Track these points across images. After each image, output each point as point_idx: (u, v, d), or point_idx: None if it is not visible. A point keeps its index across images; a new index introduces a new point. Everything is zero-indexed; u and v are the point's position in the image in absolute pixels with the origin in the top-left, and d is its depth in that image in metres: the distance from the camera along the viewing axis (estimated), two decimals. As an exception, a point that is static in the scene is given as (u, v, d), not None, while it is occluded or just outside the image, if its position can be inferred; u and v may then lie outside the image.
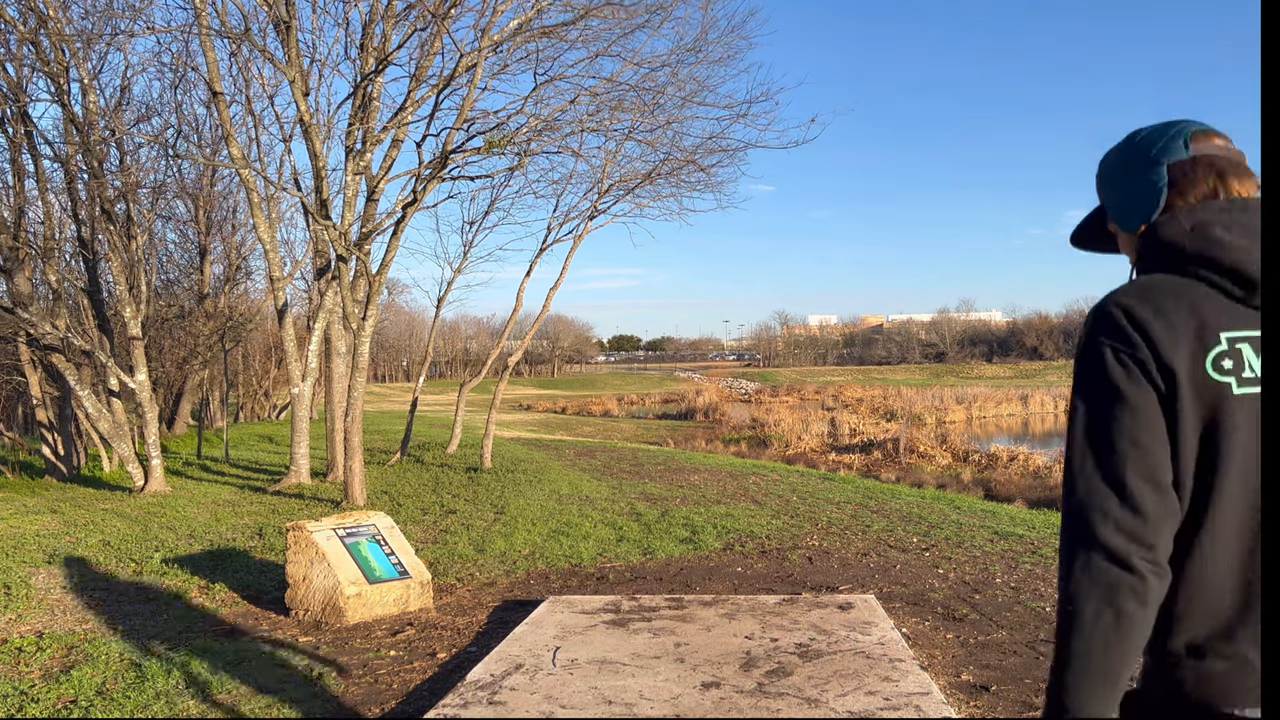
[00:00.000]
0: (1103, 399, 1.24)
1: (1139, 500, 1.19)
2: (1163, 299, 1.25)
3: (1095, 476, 1.22)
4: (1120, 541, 1.18)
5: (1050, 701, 1.24)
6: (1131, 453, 1.20)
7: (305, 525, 5.25)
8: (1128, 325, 1.24)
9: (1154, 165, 1.37)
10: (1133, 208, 1.39)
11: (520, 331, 19.40)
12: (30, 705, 3.84)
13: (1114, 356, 1.24)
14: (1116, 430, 1.22)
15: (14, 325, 12.19)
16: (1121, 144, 1.44)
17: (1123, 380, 1.22)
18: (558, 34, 9.73)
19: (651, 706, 3.44)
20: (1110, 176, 1.44)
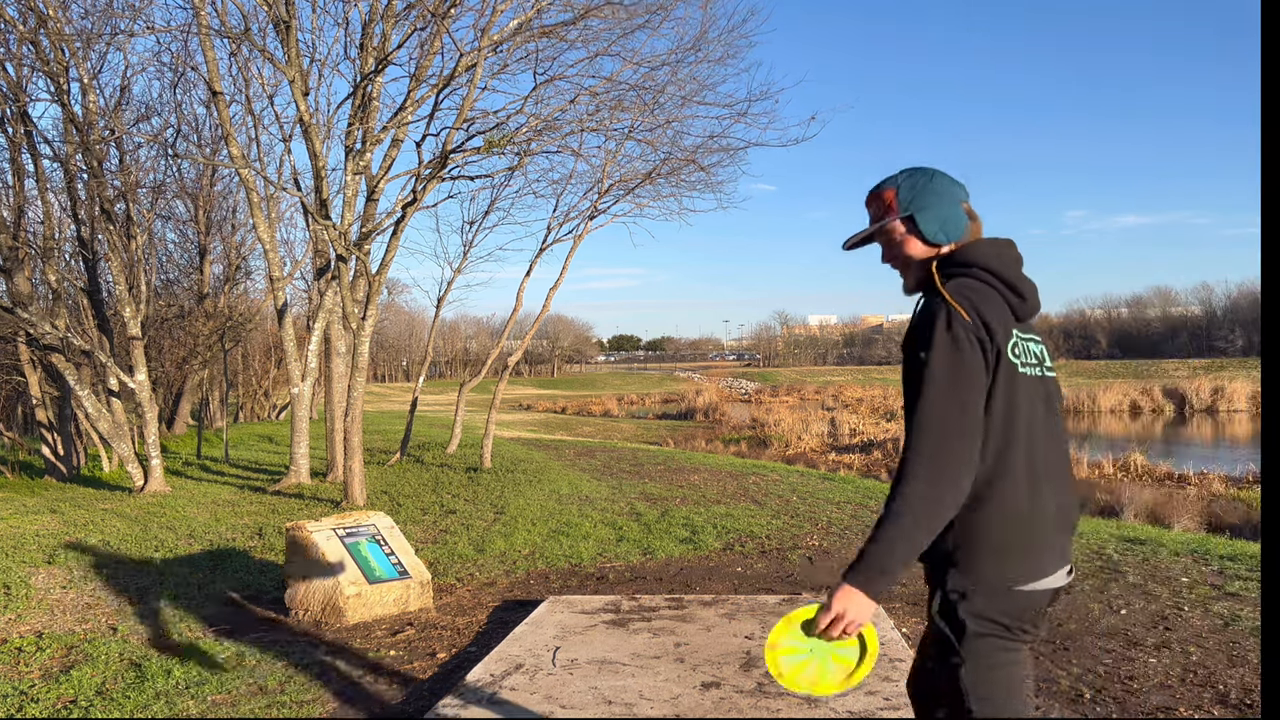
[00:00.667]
0: (960, 362, 1.76)
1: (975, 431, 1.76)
2: (988, 301, 1.83)
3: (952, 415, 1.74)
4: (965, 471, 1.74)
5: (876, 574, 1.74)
6: (974, 399, 1.76)
7: (305, 525, 5.25)
8: (975, 316, 1.79)
9: (958, 205, 1.94)
10: (948, 231, 1.93)
11: (520, 331, 19.40)
12: (30, 705, 3.83)
13: (966, 335, 1.77)
14: (968, 385, 1.76)
15: (14, 325, 12.19)
16: (922, 178, 1.95)
17: (974, 354, 1.77)
18: (558, 34, 9.72)
19: (651, 706, 3.44)
20: (927, 204, 1.93)
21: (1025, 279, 1.91)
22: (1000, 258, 1.90)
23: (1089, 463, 20.37)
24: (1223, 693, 3.63)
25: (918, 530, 1.73)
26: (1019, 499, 1.79)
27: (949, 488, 1.73)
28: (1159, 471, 19.21)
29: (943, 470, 1.72)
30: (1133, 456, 20.04)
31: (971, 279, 1.87)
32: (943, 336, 1.77)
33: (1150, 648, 4.20)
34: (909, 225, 1.95)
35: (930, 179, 1.95)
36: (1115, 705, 3.54)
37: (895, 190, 1.96)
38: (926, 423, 1.75)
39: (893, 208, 1.96)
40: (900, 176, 1.97)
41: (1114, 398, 43.40)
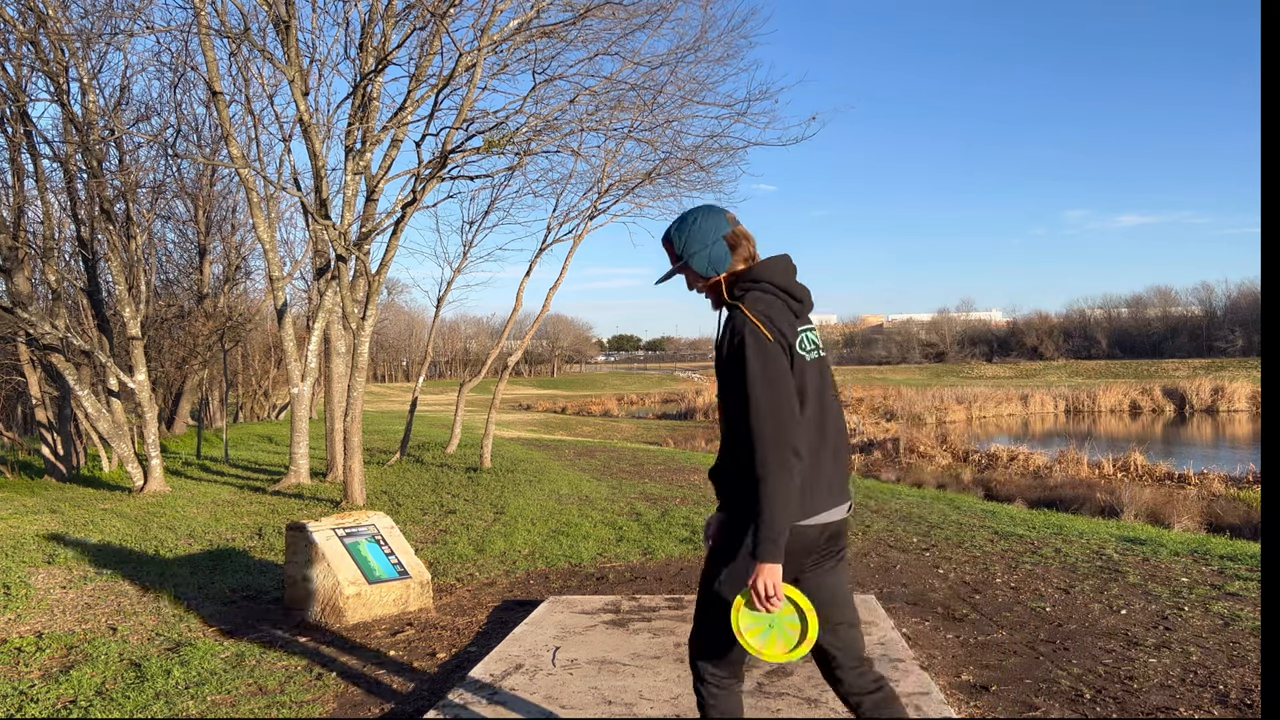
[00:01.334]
0: (772, 365, 2.24)
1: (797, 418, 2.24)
2: (776, 309, 2.33)
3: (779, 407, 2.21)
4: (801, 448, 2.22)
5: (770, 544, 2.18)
6: (790, 393, 2.24)
7: (305, 525, 5.25)
8: (772, 325, 2.28)
9: (719, 241, 2.41)
10: (715, 266, 2.41)
11: (520, 331, 19.40)
12: (30, 705, 3.83)
13: (771, 343, 2.25)
14: (783, 382, 2.24)
15: (13, 325, 12.19)
16: (688, 227, 2.43)
17: (779, 355, 2.26)
18: (557, 34, 9.72)
19: (651, 706, 3.44)
20: (694, 250, 2.41)
21: (800, 286, 2.43)
22: (780, 273, 2.41)
23: (1089, 463, 20.38)
24: (1223, 693, 3.63)
25: (788, 502, 2.20)
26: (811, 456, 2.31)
27: (796, 461, 2.21)
28: (1159, 471, 19.20)
29: (787, 449, 2.20)
30: (1133, 456, 20.04)
31: (760, 293, 2.36)
32: (754, 346, 2.24)
33: (1150, 648, 4.20)
34: (689, 268, 2.44)
35: (694, 224, 2.42)
36: (1115, 705, 3.54)
37: (671, 241, 2.46)
38: (764, 417, 2.20)
39: (674, 255, 2.47)
40: (673, 229, 2.46)
41: (1114, 398, 43.39)
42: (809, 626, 2.28)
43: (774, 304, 2.34)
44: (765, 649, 2.30)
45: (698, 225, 2.42)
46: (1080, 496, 15.26)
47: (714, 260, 2.41)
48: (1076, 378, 66.56)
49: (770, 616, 2.28)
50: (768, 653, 2.30)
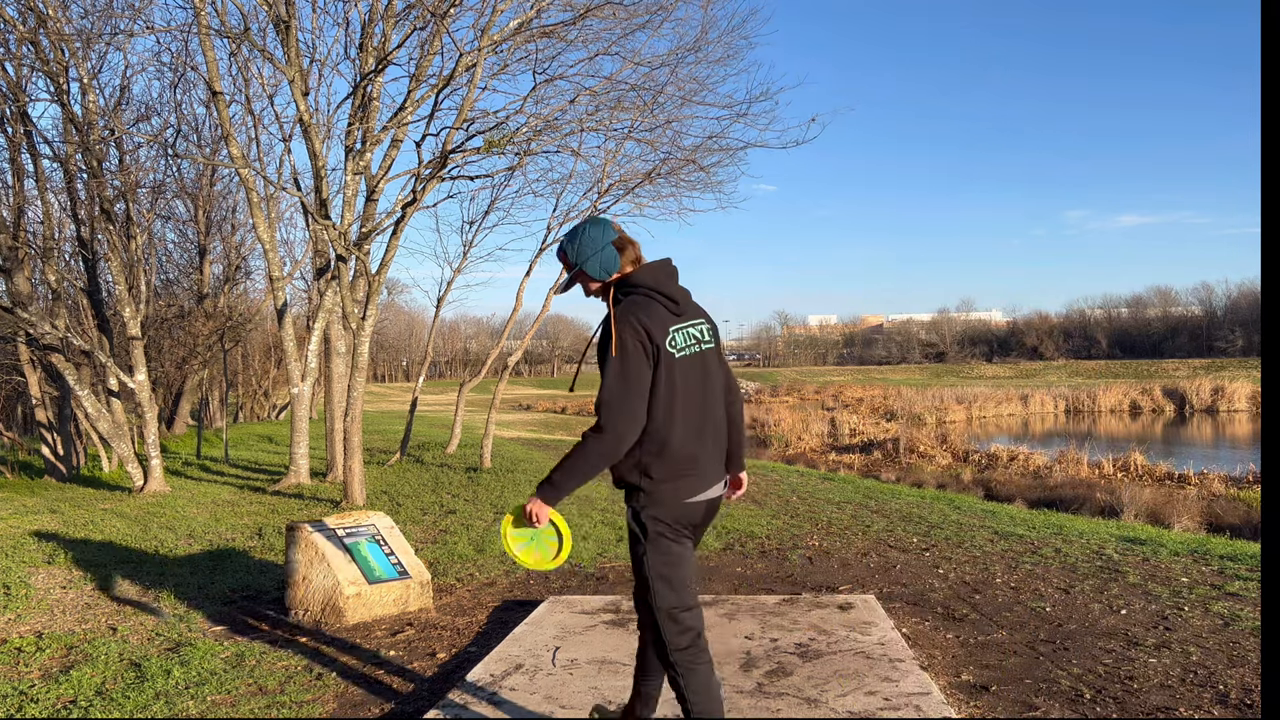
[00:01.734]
0: (635, 360, 2.58)
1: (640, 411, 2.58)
2: (648, 313, 2.64)
3: (626, 396, 2.56)
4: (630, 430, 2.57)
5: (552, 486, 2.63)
6: (640, 387, 2.58)
7: (305, 525, 5.25)
8: (641, 327, 2.60)
9: (607, 246, 2.73)
10: (607, 269, 2.73)
11: (520, 331, 19.38)
12: (30, 705, 3.83)
13: (635, 341, 2.59)
14: (637, 376, 2.58)
15: (13, 325, 12.19)
16: (579, 237, 2.75)
17: (641, 354, 2.59)
18: (558, 34, 9.72)
19: (651, 707, 3.44)
20: (586, 256, 2.73)
21: (677, 289, 2.75)
22: (656, 279, 2.72)
23: (1089, 463, 20.38)
24: (1223, 693, 3.63)
25: (595, 465, 2.60)
26: (685, 443, 2.64)
27: (620, 438, 2.56)
28: (1159, 471, 19.21)
29: (618, 426, 2.55)
30: (1133, 456, 20.04)
31: (639, 296, 2.69)
32: (620, 340, 2.59)
33: (1150, 648, 4.20)
34: (582, 273, 2.76)
35: (584, 234, 2.75)
36: (1115, 705, 3.54)
37: (565, 252, 2.78)
38: (609, 396, 2.56)
39: (568, 264, 2.78)
40: (565, 240, 2.79)
41: (1114, 398, 43.39)
42: (564, 546, 2.75)
43: (650, 307, 2.67)
44: (523, 557, 2.77)
45: (587, 234, 2.75)
46: (1080, 496, 15.27)
47: (605, 264, 2.73)
48: (1076, 378, 66.56)
49: (533, 531, 2.74)
50: (525, 559, 2.76)
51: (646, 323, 2.61)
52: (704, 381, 2.71)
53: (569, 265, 2.78)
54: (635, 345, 2.58)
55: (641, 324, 2.60)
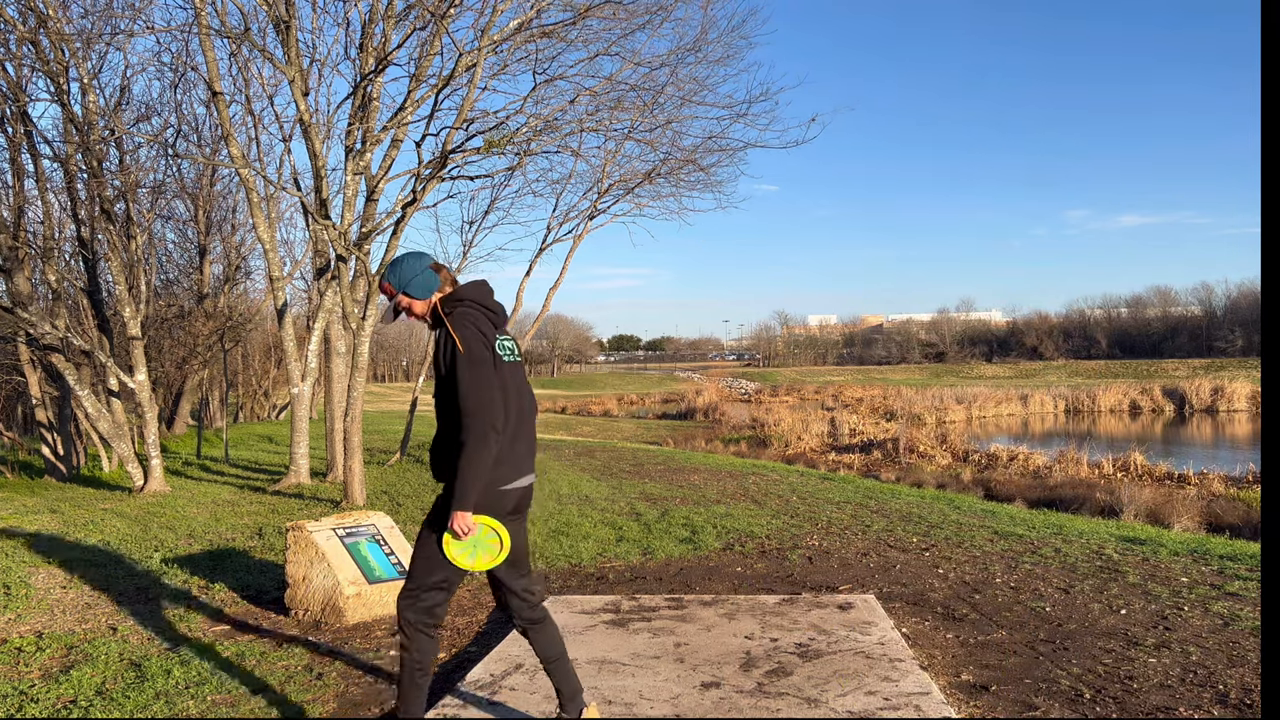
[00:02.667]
0: (482, 365, 2.90)
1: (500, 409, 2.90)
2: (481, 321, 2.98)
3: (486, 398, 2.86)
4: (498, 418, 2.89)
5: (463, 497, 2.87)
6: (493, 386, 2.90)
7: (305, 525, 5.25)
8: (481, 331, 2.95)
9: (425, 270, 3.07)
10: (429, 290, 3.07)
11: (520, 331, 19.39)
12: (30, 705, 3.83)
13: (480, 345, 2.92)
14: (489, 374, 2.91)
15: (14, 325, 12.19)
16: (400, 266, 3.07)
17: (487, 356, 2.92)
18: (558, 34, 9.72)
19: (651, 706, 3.44)
20: (409, 280, 3.06)
21: (496, 303, 3.11)
22: (479, 294, 3.07)
23: (1089, 463, 20.38)
24: (1223, 693, 3.63)
25: (484, 467, 2.87)
26: (515, 437, 3.00)
27: (498, 432, 2.88)
28: (1159, 471, 19.20)
29: (494, 423, 2.87)
30: (1132, 456, 20.04)
31: (466, 309, 3.00)
32: (468, 347, 2.88)
33: (1150, 648, 4.20)
34: (407, 297, 3.08)
35: (403, 263, 3.08)
36: (1115, 705, 3.54)
37: (389, 282, 3.09)
38: (474, 401, 2.84)
39: (393, 292, 3.09)
40: (386, 273, 3.09)
41: (1114, 398, 43.38)
42: (504, 541, 3.01)
43: (479, 317, 2.99)
44: (476, 563, 2.99)
45: (407, 263, 3.08)
46: (1080, 496, 15.26)
47: (428, 285, 3.07)
48: (1076, 378, 66.56)
49: (472, 540, 2.98)
50: (479, 565, 3.00)
51: (484, 328, 2.97)
52: (521, 387, 3.10)
53: (393, 292, 3.08)
54: (481, 349, 2.91)
55: (481, 329, 2.95)
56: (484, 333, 2.95)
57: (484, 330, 2.96)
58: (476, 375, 2.87)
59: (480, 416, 2.84)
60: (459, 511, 2.90)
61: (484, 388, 2.87)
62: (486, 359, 2.91)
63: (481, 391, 2.86)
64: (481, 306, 3.02)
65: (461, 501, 2.89)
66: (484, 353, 2.91)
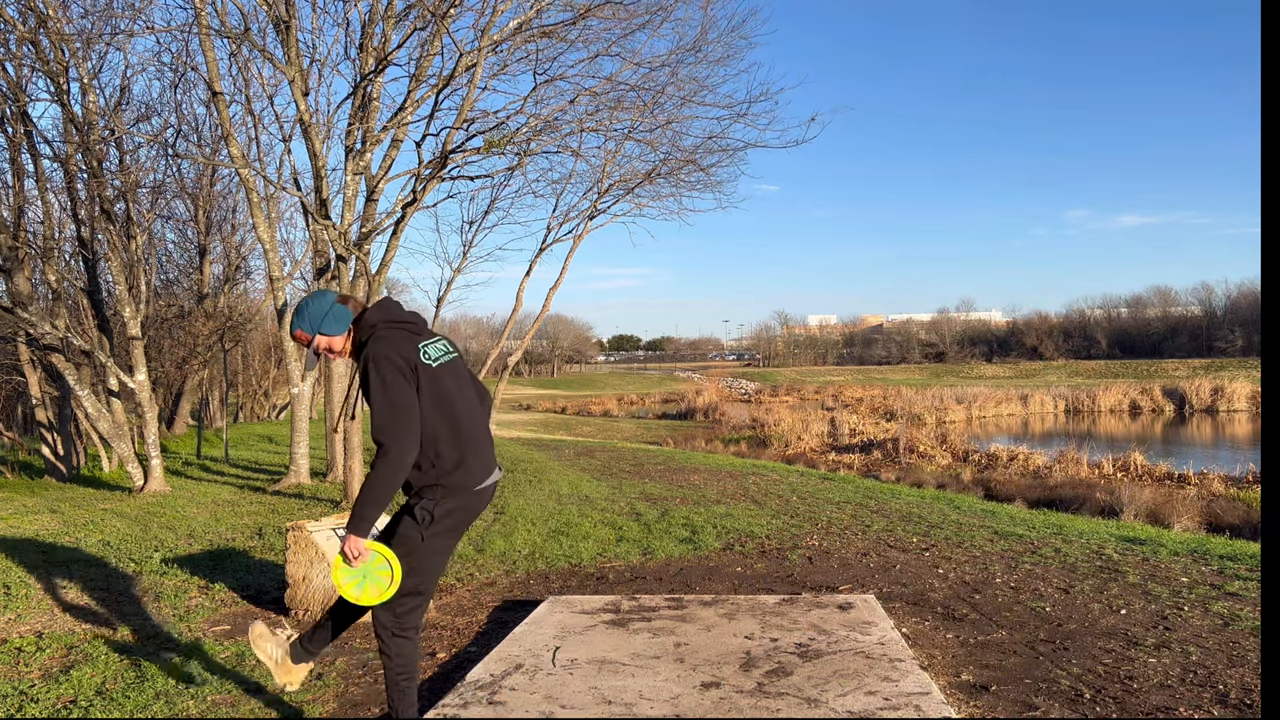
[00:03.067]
0: (396, 385, 2.89)
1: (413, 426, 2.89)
2: (395, 341, 2.98)
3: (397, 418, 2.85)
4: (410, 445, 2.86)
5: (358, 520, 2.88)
6: (409, 406, 2.89)
7: (305, 525, 5.25)
8: (395, 354, 2.94)
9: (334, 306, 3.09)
10: (341, 325, 3.09)
11: (520, 331, 19.40)
12: (30, 705, 3.83)
13: (391, 369, 2.91)
14: (403, 397, 2.89)
15: (14, 325, 12.19)
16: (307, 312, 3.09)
17: (401, 377, 2.91)
18: (558, 34, 9.72)
19: (651, 706, 3.44)
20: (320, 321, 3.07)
21: (408, 314, 3.12)
22: (388, 312, 3.09)
23: (1089, 463, 20.38)
24: (1223, 693, 3.63)
25: (388, 489, 2.86)
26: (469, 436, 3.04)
27: (401, 454, 2.85)
28: (1159, 471, 19.21)
29: (398, 444, 2.83)
30: (1132, 456, 20.04)
31: (382, 331, 3.01)
32: (376, 375, 2.89)
33: (1150, 648, 4.20)
34: (324, 337, 3.09)
35: (308, 309, 3.09)
36: (1115, 705, 3.54)
37: (301, 329, 3.11)
38: (382, 422, 2.84)
39: (305, 336, 3.10)
40: (295, 321, 3.11)
41: (1114, 398, 43.38)
42: (395, 573, 2.94)
43: (393, 336, 3.00)
44: (362, 596, 2.95)
45: (312, 306, 3.09)
46: (1080, 496, 15.27)
47: (339, 320, 3.09)
48: (1076, 378, 66.56)
49: (363, 569, 2.93)
50: (365, 598, 2.95)
51: (398, 348, 2.96)
52: (462, 385, 3.13)
53: (308, 338, 3.10)
54: (393, 372, 2.90)
55: (394, 351, 2.94)
56: (401, 354, 2.94)
57: (401, 351, 2.95)
58: (385, 401, 2.86)
59: (389, 441, 2.83)
60: (351, 535, 2.89)
61: (392, 412, 2.85)
62: (400, 383, 2.89)
63: (388, 415, 2.85)
64: (396, 323, 3.04)
65: (356, 524, 2.88)
66: (397, 380, 2.89)
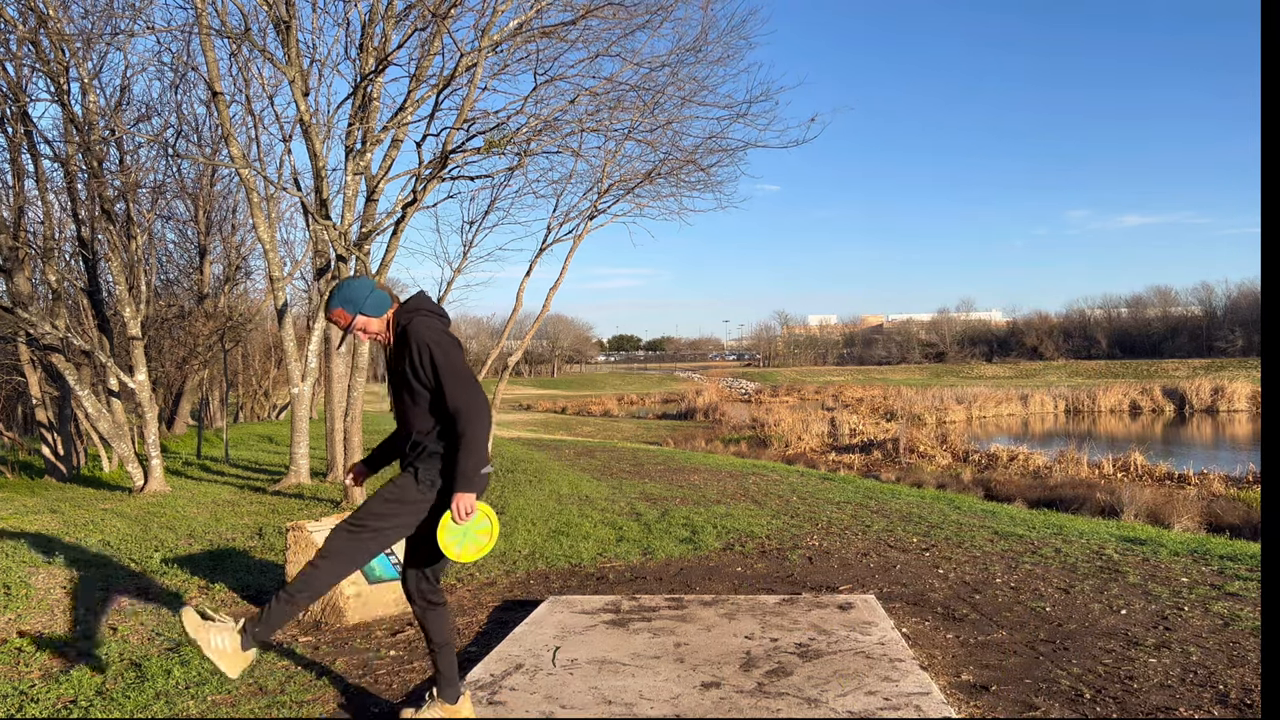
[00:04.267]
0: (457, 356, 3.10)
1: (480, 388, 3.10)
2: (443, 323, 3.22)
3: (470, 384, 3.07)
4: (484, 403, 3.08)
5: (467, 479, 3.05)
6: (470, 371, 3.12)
7: (305, 525, 5.25)
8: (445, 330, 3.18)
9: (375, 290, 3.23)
10: (382, 308, 3.23)
11: (520, 331, 19.39)
12: (30, 705, 3.83)
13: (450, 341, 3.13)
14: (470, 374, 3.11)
15: (14, 325, 12.19)
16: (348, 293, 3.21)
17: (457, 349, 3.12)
18: (558, 34, 9.72)
19: (651, 706, 3.44)
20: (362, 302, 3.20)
21: (440, 308, 3.27)
22: (427, 302, 3.26)
23: (1089, 463, 20.38)
24: (1223, 693, 3.63)
25: (481, 451, 3.06)
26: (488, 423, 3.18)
27: (487, 421, 3.09)
28: (1159, 471, 19.20)
29: (481, 413, 3.05)
30: (1133, 456, 20.03)
31: (423, 315, 3.18)
32: (440, 348, 3.07)
33: (1150, 648, 4.20)
34: (364, 318, 3.21)
35: (350, 289, 3.21)
36: (1115, 705, 3.54)
37: (342, 309, 3.20)
38: (467, 399, 3.03)
39: (346, 316, 3.20)
40: (336, 302, 3.20)
41: (1114, 398, 43.37)
42: (493, 532, 3.16)
43: (434, 320, 3.19)
44: (462, 553, 3.10)
45: (355, 288, 3.21)
46: (1080, 496, 15.26)
47: (380, 304, 3.22)
48: (1076, 378, 66.55)
49: (464, 528, 3.10)
50: (464, 555, 3.10)
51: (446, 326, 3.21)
52: None
53: (349, 317, 3.19)
54: (451, 343, 3.12)
55: (444, 328, 3.19)
56: (448, 331, 3.18)
57: (447, 329, 3.19)
58: (461, 375, 3.06)
59: (474, 407, 3.04)
60: (465, 493, 3.03)
61: (470, 384, 3.07)
62: (462, 357, 3.11)
63: (471, 388, 3.06)
64: (434, 313, 3.22)
65: (469, 483, 3.04)
66: (459, 352, 3.11)
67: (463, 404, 3.04)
